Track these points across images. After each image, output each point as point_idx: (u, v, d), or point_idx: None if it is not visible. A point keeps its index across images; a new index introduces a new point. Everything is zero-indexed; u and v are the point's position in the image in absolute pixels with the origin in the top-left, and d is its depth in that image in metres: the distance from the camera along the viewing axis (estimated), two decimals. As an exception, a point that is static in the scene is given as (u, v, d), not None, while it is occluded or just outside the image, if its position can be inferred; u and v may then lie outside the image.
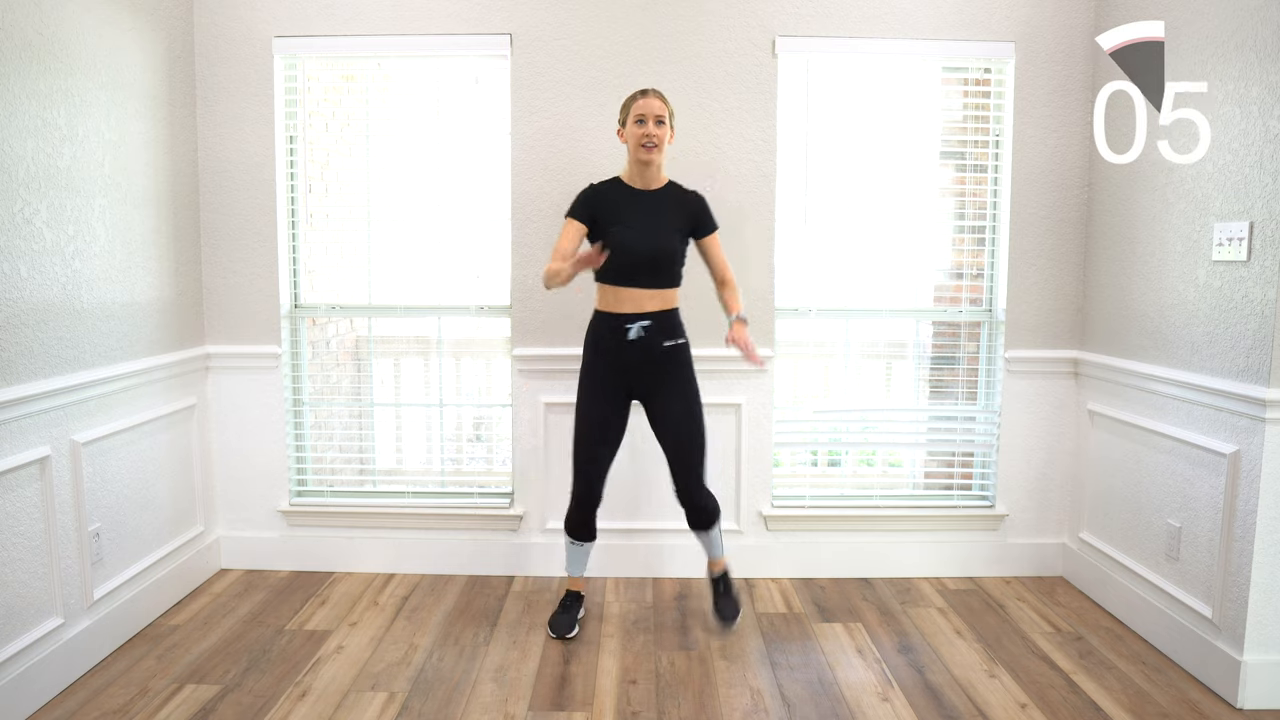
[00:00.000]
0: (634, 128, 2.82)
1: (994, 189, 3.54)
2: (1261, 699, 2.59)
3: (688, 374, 2.93)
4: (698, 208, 2.92)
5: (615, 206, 2.86)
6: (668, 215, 2.87)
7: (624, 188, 2.91)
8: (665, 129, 2.82)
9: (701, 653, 2.93)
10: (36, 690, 2.54)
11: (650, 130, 2.79)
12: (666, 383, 2.90)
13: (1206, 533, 2.75)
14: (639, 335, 2.84)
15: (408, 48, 3.42)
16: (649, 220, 2.84)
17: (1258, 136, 2.55)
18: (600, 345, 2.91)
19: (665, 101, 2.84)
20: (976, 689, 2.69)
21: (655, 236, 2.81)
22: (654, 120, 2.80)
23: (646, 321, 2.84)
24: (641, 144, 2.81)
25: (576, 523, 3.02)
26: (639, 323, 2.84)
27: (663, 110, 2.81)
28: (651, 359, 2.87)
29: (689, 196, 2.93)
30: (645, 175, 2.88)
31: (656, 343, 2.86)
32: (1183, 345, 2.88)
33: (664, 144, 2.83)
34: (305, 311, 3.62)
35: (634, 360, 2.86)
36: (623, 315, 2.85)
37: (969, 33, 3.39)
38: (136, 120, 3.05)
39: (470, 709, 2.56)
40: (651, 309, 2.85)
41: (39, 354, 2.58)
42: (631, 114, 2.83)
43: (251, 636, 3.01)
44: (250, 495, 3.60)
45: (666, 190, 2.92)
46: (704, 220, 2.93)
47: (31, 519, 2.56)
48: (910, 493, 3.82)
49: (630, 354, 2.86)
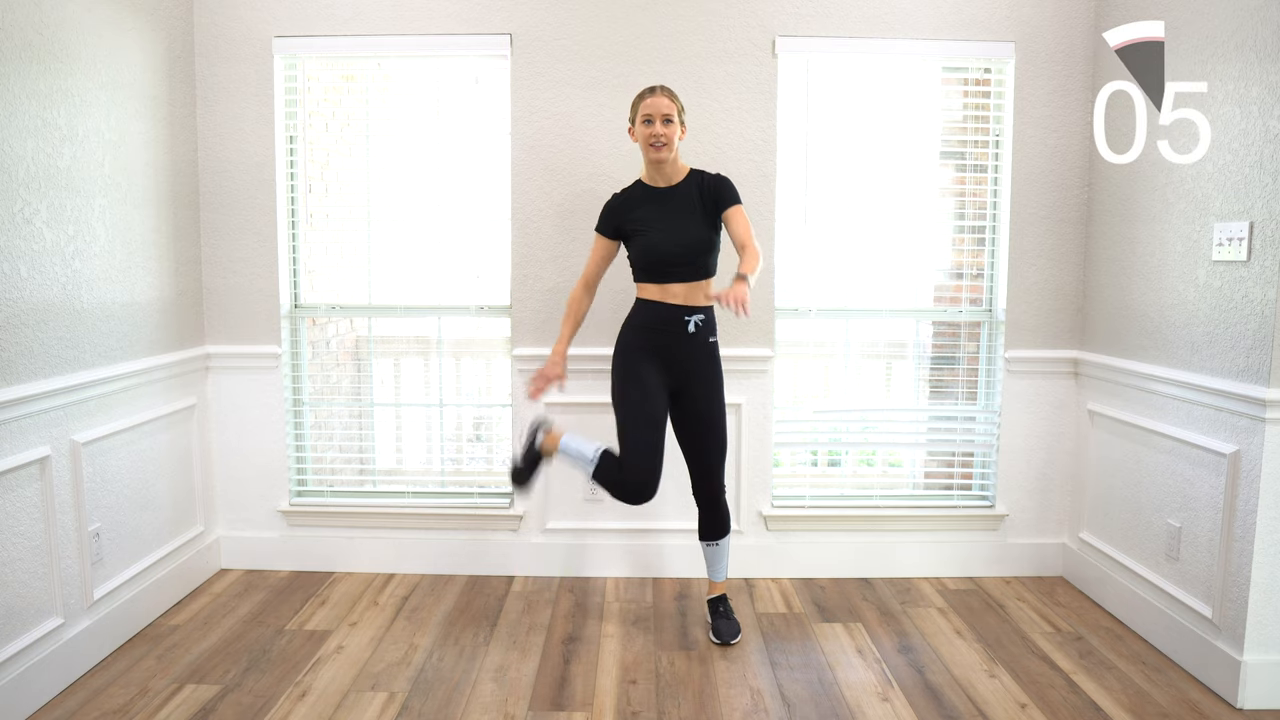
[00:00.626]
0: (642, 128, 2.81)
1: (994, 189, 3.54)
2: (1261, 699, 2.59)
3: (718, 373, 2.92)
4: (718, 187, 2.87)
5: (637, 213, 2.87)
6: (691, 206, 2.85)
7: (645, 189, 2.91)
8: (674, 127, 2.81)
9: (701, 653, 2.93)
10: (36, 690, 2.54)
11: (658, 130, 2.78)
12: (704, 381, 2.89)
13: (1206, 533, 2.75)
14: (697, 328, 2.84)
15: (408, 48, 3.42)
16: (673, 218, 2.83)
17: (1258, 136, 2.55)
18: (650, 338, 2.86)
19: (673, 98, 2.82)
20: (976, 689, 2.69)
21: (683, 232, 2.81)
22: (661, 119, 2.79)
23: (701, 315, 2.85)
24: (650, 144, 2.80)
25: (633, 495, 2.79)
26: (696, 316, 2.84)
27: (670, 108, 2.80)
28: (698, 352, 2.87)
29: (710, 180, 2.89)
30: (662, 172, 2.87)
31: (705, 337, 2.87)
32: (1183, 345, 2.88)
33: (674, 141, 2.82)
34: (305, 311, 3.62)
35: (685, 354, 2.85)
36: (678, 307, 2.84)
37: (969, 33, 3.39)
38: (136, 120, 3.05)
39: (470, 709, 2.56)
40: (698, 303, 2.85)
41: (39, 354, 2.58)
42: (640, 114, 2.82)
43: (251, 636, 3.01)
44: (250, 495, 3.60)
45: (688, 181, 2.89)
46: (725, 195, 2.86)
47: (31, 519, 2.56)
48: (910, 493, 3.82)
49: (683, 347, 2.85)
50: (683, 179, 2.90)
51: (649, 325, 2.87)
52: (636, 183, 2.94)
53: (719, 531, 3.04)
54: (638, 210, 2.88)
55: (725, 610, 3.07)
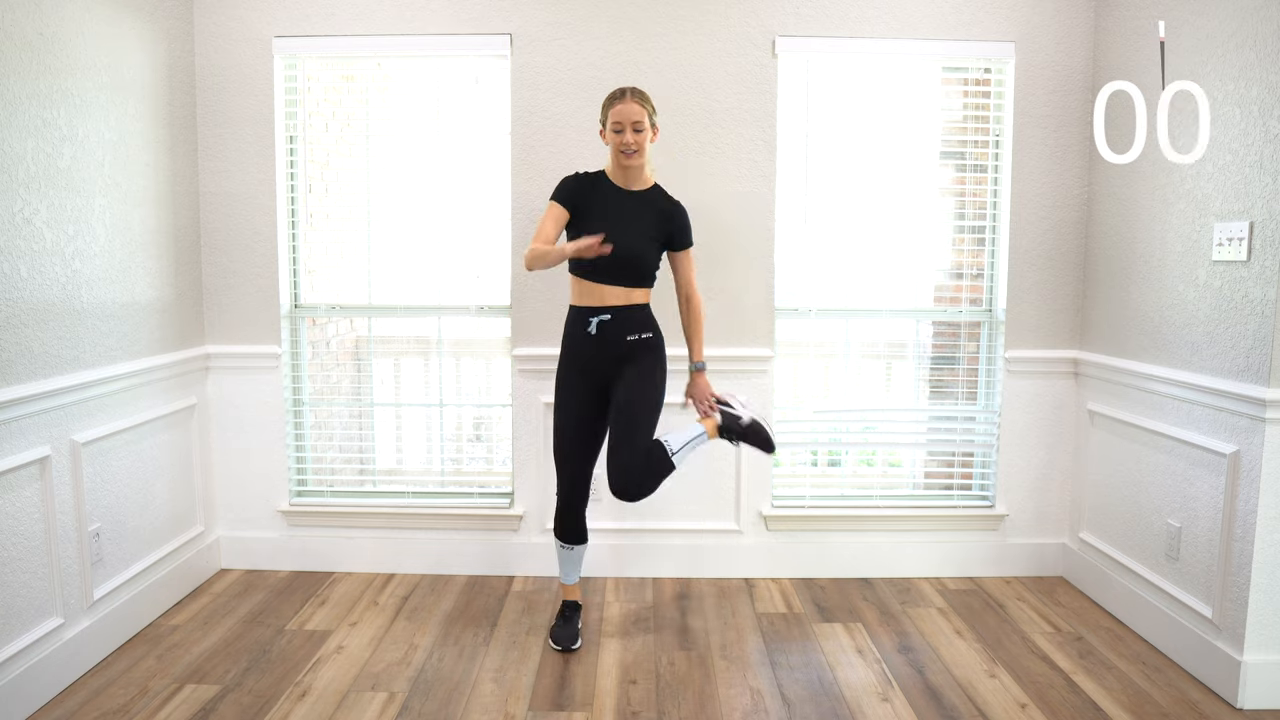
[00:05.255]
0: (612, 135, 2.78)
1: (994, 189, 3.54)
2: (1261, 699, 2.59)
3: (649, 365, 2.85)
4: (677, 221, 2.88)
5: (595, 202, 2.83)
6: (646, 221, 2.83)
7: (608, 185, 2.87)
8: (645, 134, 2.77)
9: (701, 653, 2.93)
10: (36, 690, 2.54)
11: (628, 139, 2.74)
12: (628, 370, 2.84)
13: (1206, 533, 2.75)
14: (598, 329, 2.82)
15: (408, 48, 3.42)
16: (626, 223, 2.79)
17: (1258, 136, 2.55)
18: (570, 340, 2.90)
19: (644, 102, 2.77)
20: (976, 689, 2.69)
21: (628, 240, 2.76)
22: (631, 128, 2.74)
23: (606, 315, 2.82)
24: (620, 151, 2.78)
25: (563, 526, 2.98)
26: (599, 317, 2.82)
27: (640, 115, 2.74)
28: (617, 354, 2.84)
29: (671, 207, 2.88)
30: (628, 176, 2.85)
31: (619, 337, 2.83)
32: (1182, 345, 2.88)
33: (645, 148, 2.79)
34: (305, 311, 3.62)
35: (598, 354, 2.83)
36: (586, 309, 2.84)
37: (969, 33, 3.39)
38: (136, 120, 3.05)
39: (470, 709, 2.56)
40: (614, 303, 2.82)
41: (39, 354, 2.58)
42: (610, 120, 2.77)
43: (251, 636, 3.01)
44: (250, 495, 3.60)
45: (650, 195, 2.88)
46: (680, 235, 2.89)
47: (31, 519, 2.56)
48: (910, 493, 3.82)
49: (594, 347, 2.83)
50: (646, 189, 2.88)
51: (569, 330, 2.91)
52: (600, 173, 2.90)
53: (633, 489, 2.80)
54: (595, 197, 2.84)
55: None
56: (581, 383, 2.88)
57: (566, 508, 2.96)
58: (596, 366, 2.85)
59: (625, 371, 2.84)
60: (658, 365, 2.89)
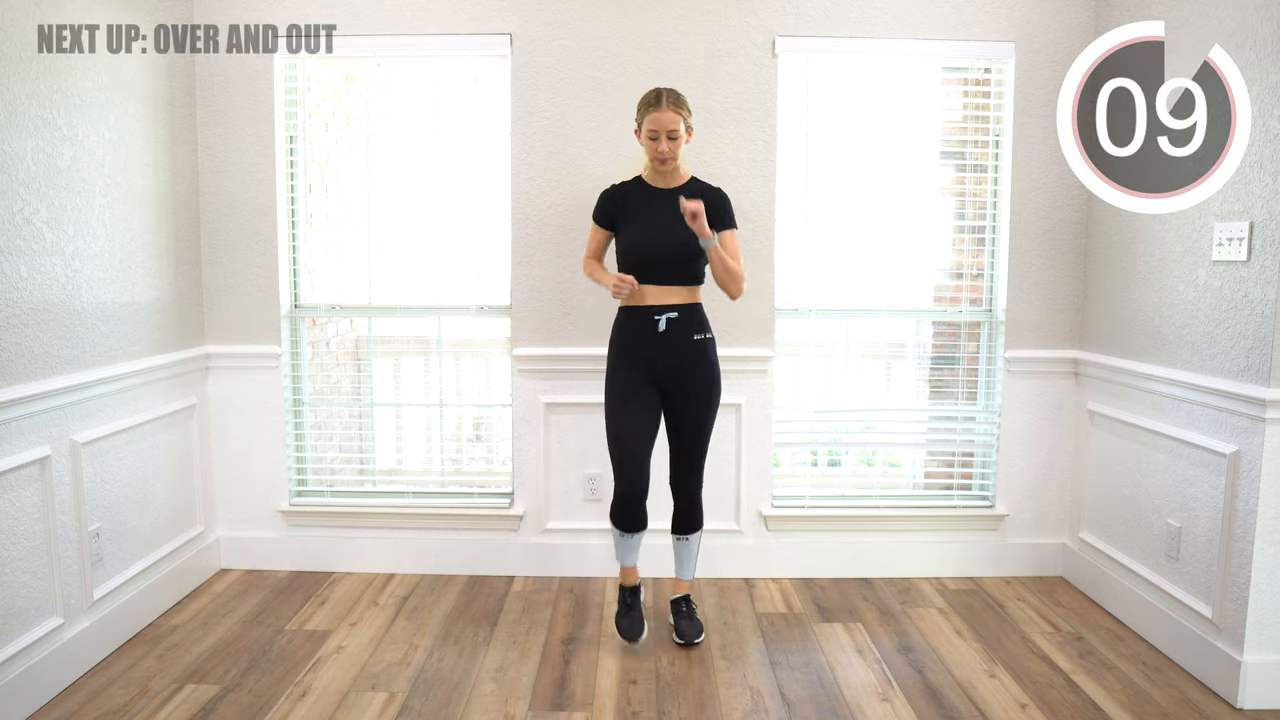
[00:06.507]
0: (647, 141, 2.81)
1: (994, 189, 3.54)
2: (1261, 699, 2.59)
3: (711, 374, 2.91)
4: (719, 204, 2.88)
5: (632, 206, 2.88)
6: None
7: (643, 187, 2.91)
8: (679, 141, 2.80)
9: (701, 653, 2.93)
10: (36, 690, 2.54)
11: (662, 148, 2.78)
12: (691, 380, 2.88)
13: (1206, 533, 2.75)
14: (668, 325, 2.84)
15: (408, 48, 3.42)
16: (665, 219, 2.82)
17: (1258, 136, 2.55)
18: (630, 340, 2.89)
19: (679, 108, 2.78)
20: (976, 689, 2.69)
21: (670, 234, 2.80)
22: (666, 136, 2.77)
23: (674, 313, 2.85)
24: (654, 158, 2.82)
25: (624, 516, 2.93)
26: (667, 314, 2.84)
27: (675, 123, 2.76)
28: (683, 350, 2.86)
29: (710, 193, 2.89)
30: (664, 175, 2.89)
31: (688, 334, 2.87)
32: (1183, 345, 2.88)
33: (679, 152, 2.84)
34: (305, 311, 3.62)
35: (664, 349, 2.85)
36: (649, 307, 2.85)
37: (969, 33, 3.39)
38: (136, 120, 3.05)
39: (470, 709, 2.56)
40: (676, 302, 2.85)
41: (39, 354, 2.58)
42: (645, 126, 2.80)
43: (251, 636, 3.01)
44: (250, 495, 3.60)
45: (688, 189, 2.90)
46: (721, 216, 2.88)
47: (31, 519, 2.56)
48: (910, 493, 3.82)
49: (660, 346, 2.85)
50: (683, 183, 2.91)
51: (627, 330, 2.91)
52: (636, 179, 2.95)
53: (692, 525, 3.04)
54: (631, 202, 2.89)
55: (689, 609, 3.06)
56: (645, 379, 2.88)
57: (626, 501, 2.89)
58: (664, 362, 2.86)
59: (689, 382, 2.88)
60: (717, 377, 2.94)
